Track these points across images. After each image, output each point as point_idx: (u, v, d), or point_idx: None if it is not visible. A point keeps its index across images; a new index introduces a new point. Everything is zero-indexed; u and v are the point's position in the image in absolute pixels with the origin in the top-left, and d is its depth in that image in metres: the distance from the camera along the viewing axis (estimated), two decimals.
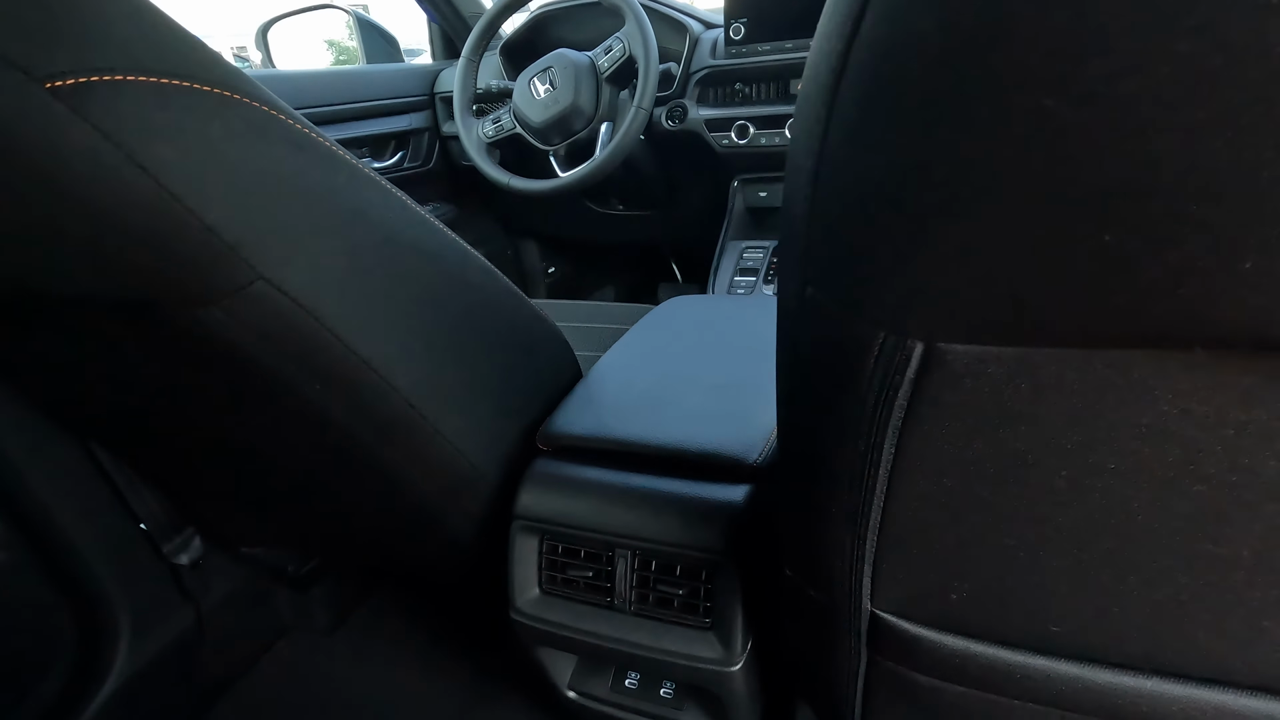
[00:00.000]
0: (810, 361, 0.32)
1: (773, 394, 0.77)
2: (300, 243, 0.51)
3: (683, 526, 0.62)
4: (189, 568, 1.16)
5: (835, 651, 0.49)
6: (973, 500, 0.32)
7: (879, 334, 0.27)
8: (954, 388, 0.27)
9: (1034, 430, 0.28)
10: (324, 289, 0.52)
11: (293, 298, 0.51)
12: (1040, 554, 0.33)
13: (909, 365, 0.27)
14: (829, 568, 0.42)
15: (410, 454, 0.65)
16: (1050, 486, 0.30)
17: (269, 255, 0.49)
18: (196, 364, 0.56)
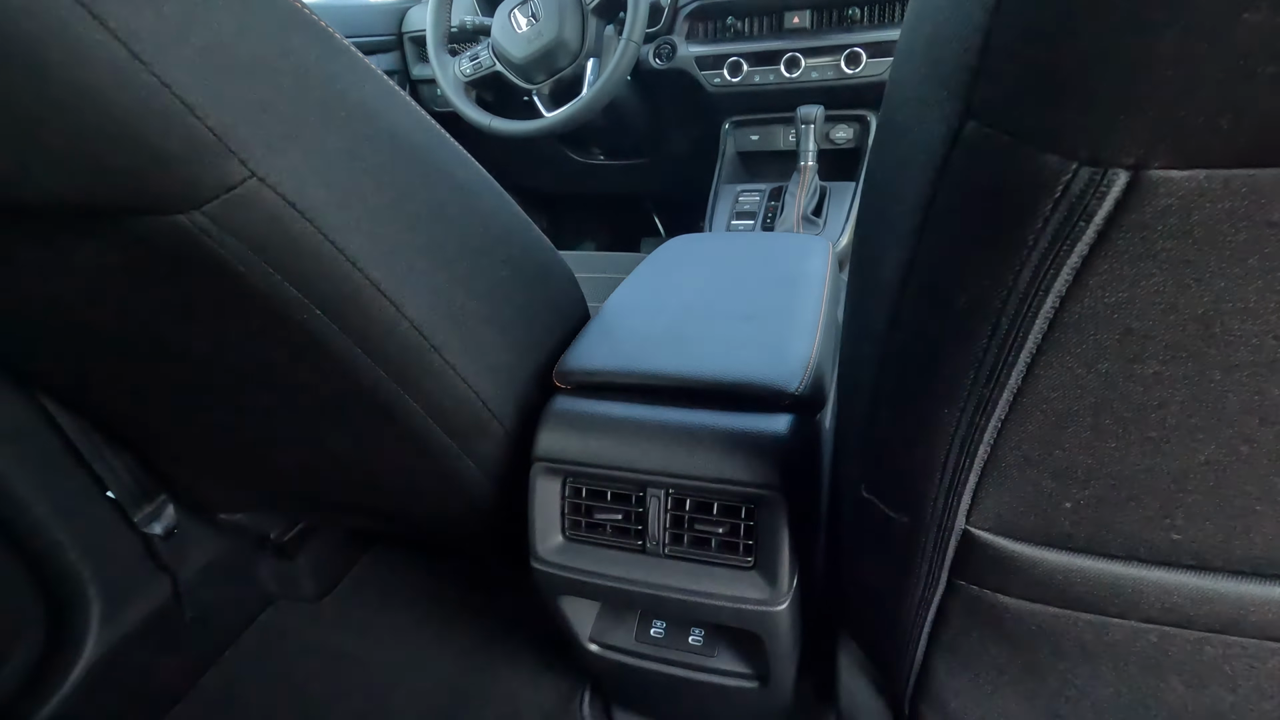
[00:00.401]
0: (949, 224, 0.27)
1: (803, 323, 0.73)
2: (297, 134, 0.44)
3: (723, 461, 0.58)
4: (162, 537, 1.08)
5: (907, 579, 0.45)
6: (1132, 380, 0.28)
7: (1069, 166, 0.22)
8: (1152, 230, 0.23)
9: (1239, 283, 0.23)
10: (324, 192, 0.45)
11: (289, 201, 0.44)
12: (1195, 445, 0.30)
13: (1101, 205, 0.22)
14: (920, 486, 0.38)
15: (421, 393, 0.59)
16: (1234, 358, 0.26)
17: (261, 147, 0.42)
18: (176, 287, 0.49)
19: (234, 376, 0.61)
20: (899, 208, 0.31)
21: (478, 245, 0.61)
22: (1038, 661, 0.46)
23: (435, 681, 1.05)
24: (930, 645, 0.50)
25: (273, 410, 0.66)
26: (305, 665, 1.11)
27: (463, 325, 0.59)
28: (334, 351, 0.53)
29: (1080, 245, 0.24)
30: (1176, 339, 0.26)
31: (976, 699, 0.52)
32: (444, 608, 1.18)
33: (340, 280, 0.48)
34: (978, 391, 0.31)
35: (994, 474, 0.35)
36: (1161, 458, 0.31)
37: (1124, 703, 0.47)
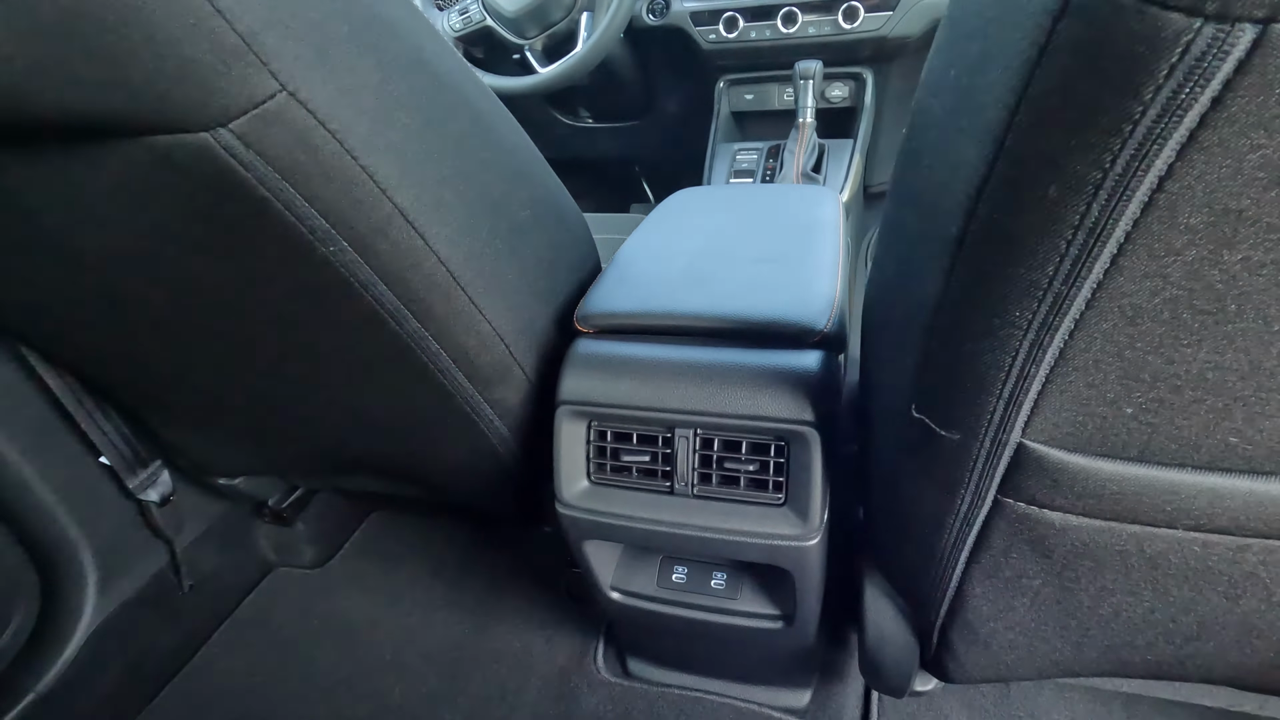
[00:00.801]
0: (1048, 106, 0.27)
1: (823, 264, 0.73)
2: (328, 50, 0.42)
3: (756, 398, 0.57)
4: (158, 504, 1.05)
5: (951, 500, 0.46)
6: (1217, 269, 0.28)
7: (1193, 24, 0.22)
8: (1271, 92, 0.22)
9: None
10: (354, 111, 0.44)
11: (319, 118, 0.42)
12: (1268, 339, 0.30)
13: (1221, 66, 0.22)
14: (978, 399, 0.38)
15: (445, 334, 0.57)
16: None
17: (291, 59, 0.40)
18: (193, 219, 0.47)
19: (246, 322, 0.59)
20: (984, 98, 0.30)
21: (500, 181, 0.59)
22: (1076, 580, 0.47)
23: (445, 642, 1.04)
24: (967, 569, 0.50)
25: (285, 359, 0.64)
26: (309, 632, 1.10)
27: (487, 263, 0.58)
28: (358, 289, 0.51)
29: (1191, 115, 0.23)
30: (1273, 217, 0.26)
31: (1009, 621, 0.53)
32: (449, 570, 1.17)
33: (370, 208, 0.47)
34: (1054, 289, 0.31)
35: (1058, 380, 0.35)
36: (1232, 353, 0.31)
37: (1157, 618, 0.49)
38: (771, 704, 0.87)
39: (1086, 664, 0.57)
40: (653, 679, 0.92)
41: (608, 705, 0.90)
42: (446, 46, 0.53)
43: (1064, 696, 0.88)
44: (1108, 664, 0.56)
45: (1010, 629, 0.54)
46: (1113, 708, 0.86)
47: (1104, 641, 0.53)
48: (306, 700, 0.98)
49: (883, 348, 0.51)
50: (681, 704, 0.89)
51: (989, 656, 0.58)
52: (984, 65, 0.31)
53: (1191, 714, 0.85)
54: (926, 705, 0.88)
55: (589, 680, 0.94)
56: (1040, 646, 0.56)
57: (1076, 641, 0.54)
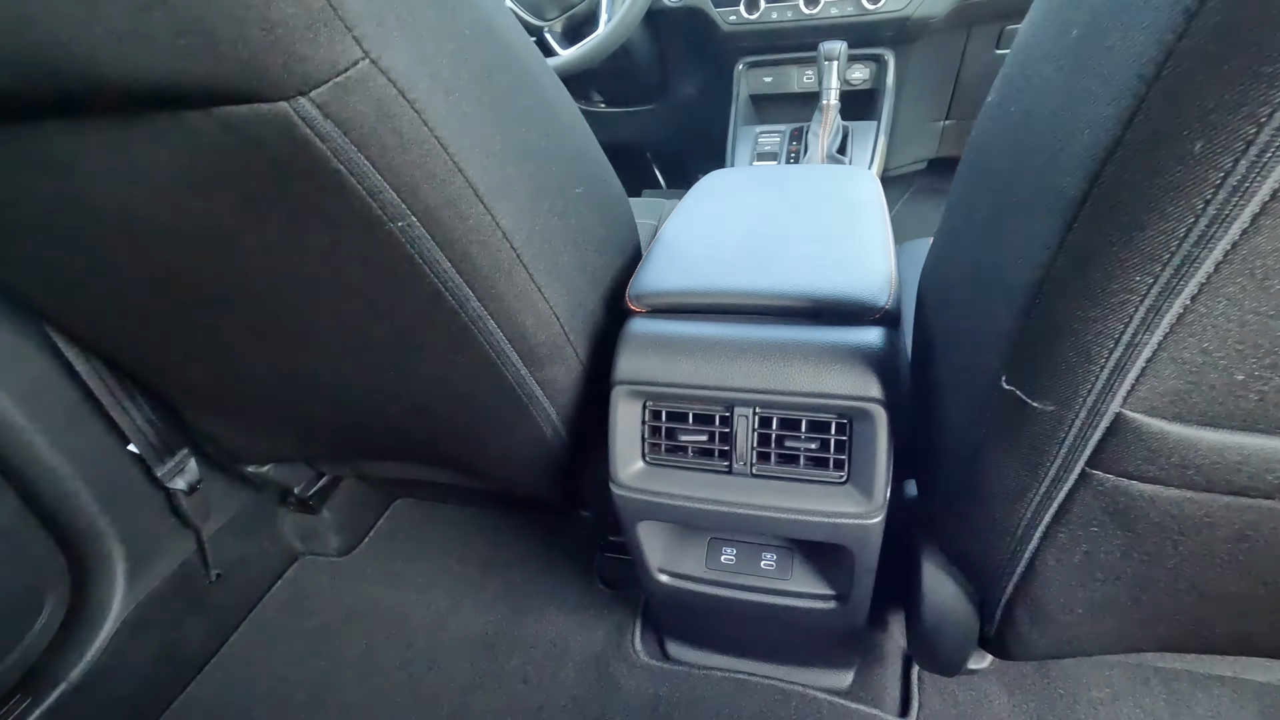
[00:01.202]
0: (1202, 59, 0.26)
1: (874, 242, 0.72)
2: (409, 16, 0.40)
3: (819, 375, 0.57)
4: (186, 492, 1.05)
5: (1034, 474, 0.45)
6: None
7: None
8: None
9: None
10: (431, 80, 0.42)
11: (399, 87, 0.41)
12: None
13: None
14: (1080, 368, 0.38)
15: (504, 313, 0.56)
16: None
17: (375, 25, 0.38)
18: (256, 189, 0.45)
19: (298, 302, 0.58)
20: (1120, 57, 0.29)
21: (559, 157, 0.58)
22: (1158, 553, 0.47)
23: (477, 629, 1.04)
24: (1041, 544, 0.50)
25: (337, 340, 0.63)
26: (338, 620, 1.09)
27: (546, 241, 0.57)
28: (421, 266, 0.50)
29: None
30: None
31: (1081, 597, 0.53)
32: (476, 557, 1.17)
33: (442, 182, 0.46)
34: (1183, 251, 0.30)
35: (1170, 347, 0.35)
36: None
37: (1234, 592, 0.48)
38: (814, 685, 0.88)
39: (1154, 639, 0.57)
40: (693, 661, 0.92)
41: (648, 688, 0.90)
42: (512, 18, 0.52)
43: (1103, 674, 0.88)
44: (1175, 639, 0.56)
45: (1080, 605, 0.54)
46: (1152, 684, 0.87)
47: (1176, 616, 0.53)
48: (341, 688, 0.98)
49: (956, 321, 0.51)
50: (723, 686, 0.89)
51: (1054, 633, 0.58)
52: (1119, 20, 0.30)
53: (1231, 688, 0.85)
54: (966, 684, 0.88)
55: (628, 663, 0.94)
56: (1109, 622, 0.55)
57: (1147, 617, 0.54)
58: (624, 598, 1.04)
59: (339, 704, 0.96)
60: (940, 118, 1.58)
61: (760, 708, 0.86)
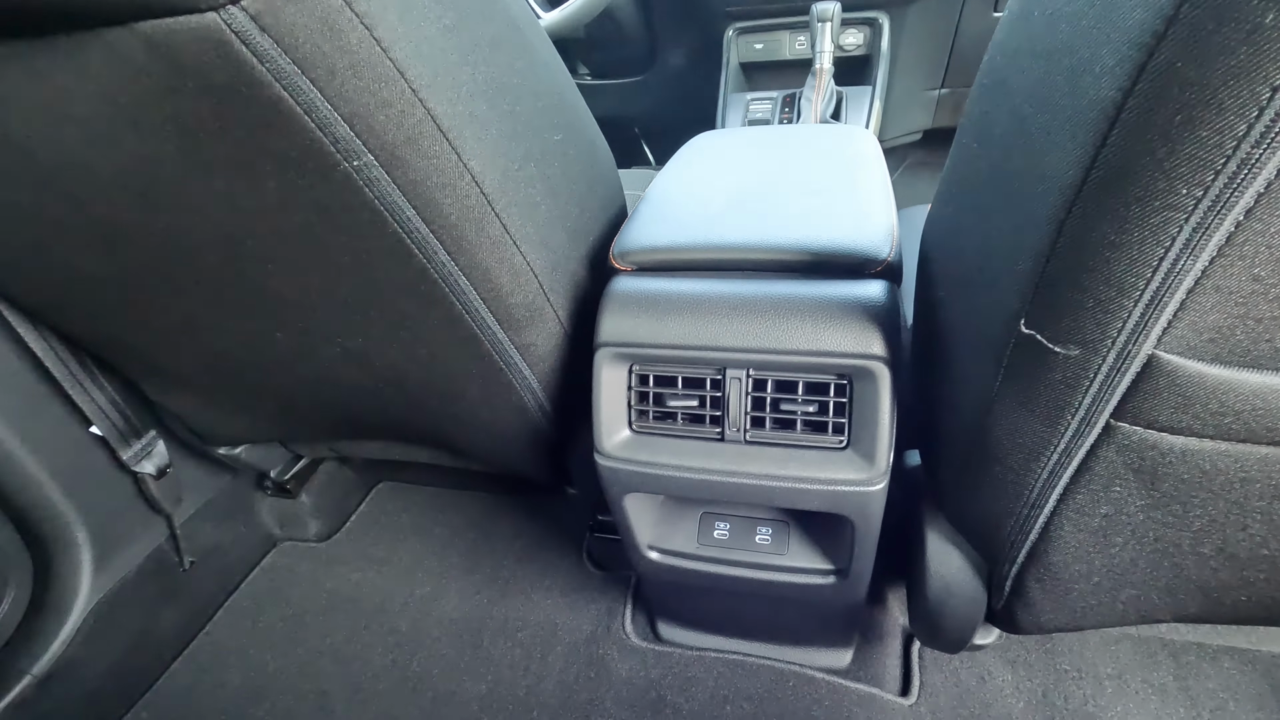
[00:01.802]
0: None
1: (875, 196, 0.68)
2: None
3: (816, 332, 0.53)
4: (155, 477, 1.00)
5: (1053, 429, 0.42)
6: None
7: None
8: None
9: None
10: None
11: None
12: None
13: None
14: (1110, 306, 0.34)
15: (476, 268, 0.52)
16: None
17: None
18: (192, 122, 0.41)
19: (255, 259, 0.53)
20: None
21: (533, 98, 0.53)
22: (1184, 513, 0.43)
23: (463, 613, 1.00)
24: (1058, 507, 0.47)
25: (299, 304, 0.58)
26: (318, 606, 1.05)
27: (521, 189, 0.53)
28: (383, 214, 0.46)
29: None
30: None
31: (1098, 564, 0.49)
32: (462, 540, 1.13)
33: (400, 113, 0.41)
34: (1241, 154, 0.26)
35: (1216, 274, 0.31)
36: None
37: (1264, 554, 0.45)
38: (812, 665, 0.84)
39: (1174, 608, 0.53)
40: (685, 643, 0.89)
41: (640, 671, 0.87)
42: None
43: (1110, 650, 0.85)
44: (1196, 608, 0.53)
45: (1097, 572, 0.51)
46: (1159, 659, 0.84)
47: (1200, 583, 0.49)
48: (321, 675, 0.94)
49: (967, 269, 0.47)
50: (718, 667, 0.85)
51: (1068, 603, 0.54)
52: None
53: (1240, 661, 0.83)
54: (969, 662, 0.85)
55: (619, 646, 0.90)
56: (1126, 590, 0.52)
57: (1168, 584, 0.50)
58: (614, 579, 1.01)
59: (318, 693, 0.92)
60: (936, 85, 1.54)
61: (756, 688, 0.83)
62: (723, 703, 0.82)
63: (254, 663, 0.98)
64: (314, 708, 0.90)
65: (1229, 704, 0.79)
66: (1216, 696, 0.80)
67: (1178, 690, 0.81)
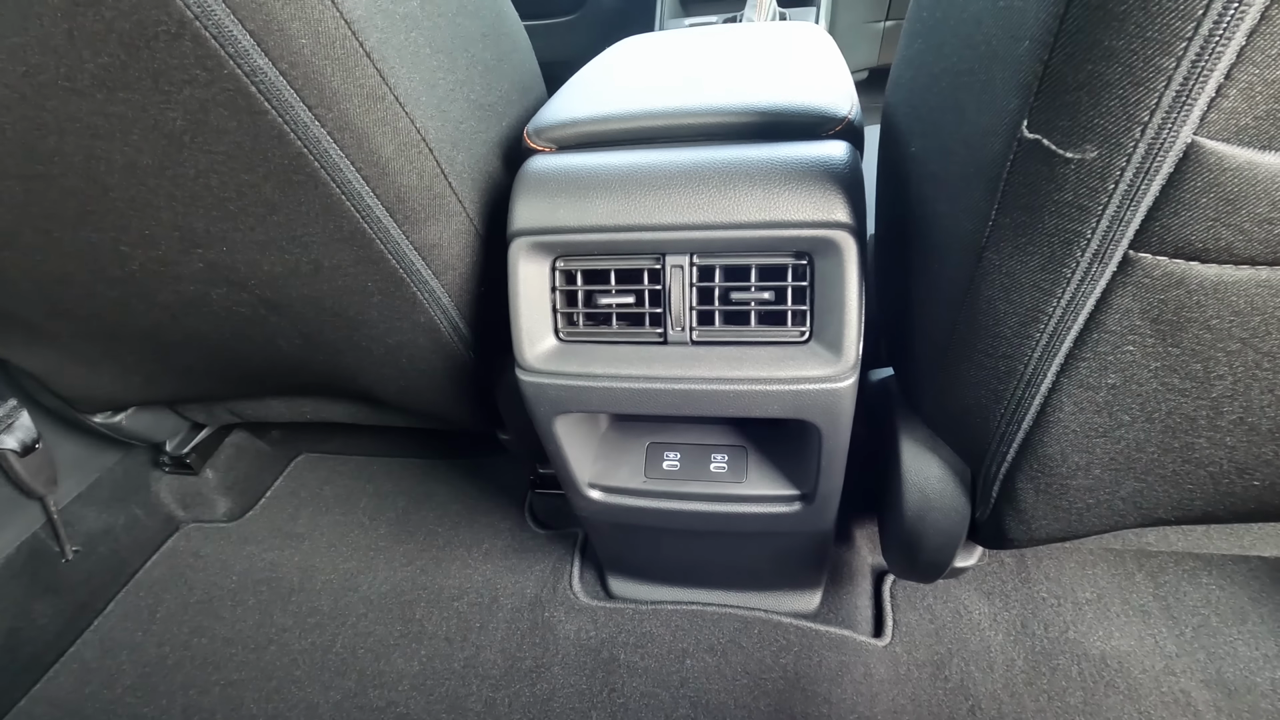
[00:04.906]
0: None
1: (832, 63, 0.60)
2: None
3: (769, 199, 0.44)
4: (19, 453, 0.86)
5: (1058, 272, 0.34)
6: None
7: None
8: None
9: None
10: None
11: None
12: None
13: None
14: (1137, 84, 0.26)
15: (349, 128, 0.41)
16: None
17: None
18: None
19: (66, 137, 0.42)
20: None
21: None
22: (1208, 374, 0.37)
23: (393, 585, 0.90)
24: (1059, 381, 0.39)
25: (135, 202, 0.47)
26: (227, 590, 0.93)
27: (400, 30, 0.42)
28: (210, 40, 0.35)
29: None
30: None
31: (1099, 453, 0.43)
32: (392, 510, 1.02)
33: None
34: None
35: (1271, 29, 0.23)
36: None
37: None
38: (778, 610, 0.77)
39: (1177, 502, 0.47)
40: (639, 597, 0.81)
41: (590, 630, 0.78)
42: None
43: (1086, 573, 0.81)
44: (1200, 500, 0.47)
45: (1098, 463, 0.44)
46: (1137, 579, 0.80)
47: (1210, 466, 0.43)
48: (230, 665, 0.83)
49: (951, 90, 0.39)
50: (675, 619, 0.77)
51: (1064, 505, 0.47)
52: None
53: (1219, 576, 0.79)
54: (943, 596, 0.79)
55: (566, 606, 0.81)
56: (1129, 483, 0.45)
57: (1175, 470, 0.44)
58: (560, 537, 0.92)
59: (226, 683, 0.81)
60: (881, 18, 1.47)
61: (718, 639, 0.75)
62: (681, 657, 0.74)
63: (150, 658, 0.85)
64: (221, 701, 0.79)
65: (1211, 619, 0.75)
66: (1198, 613, 0.76)
67: (1159, 610, 0.77)
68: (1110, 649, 0.73)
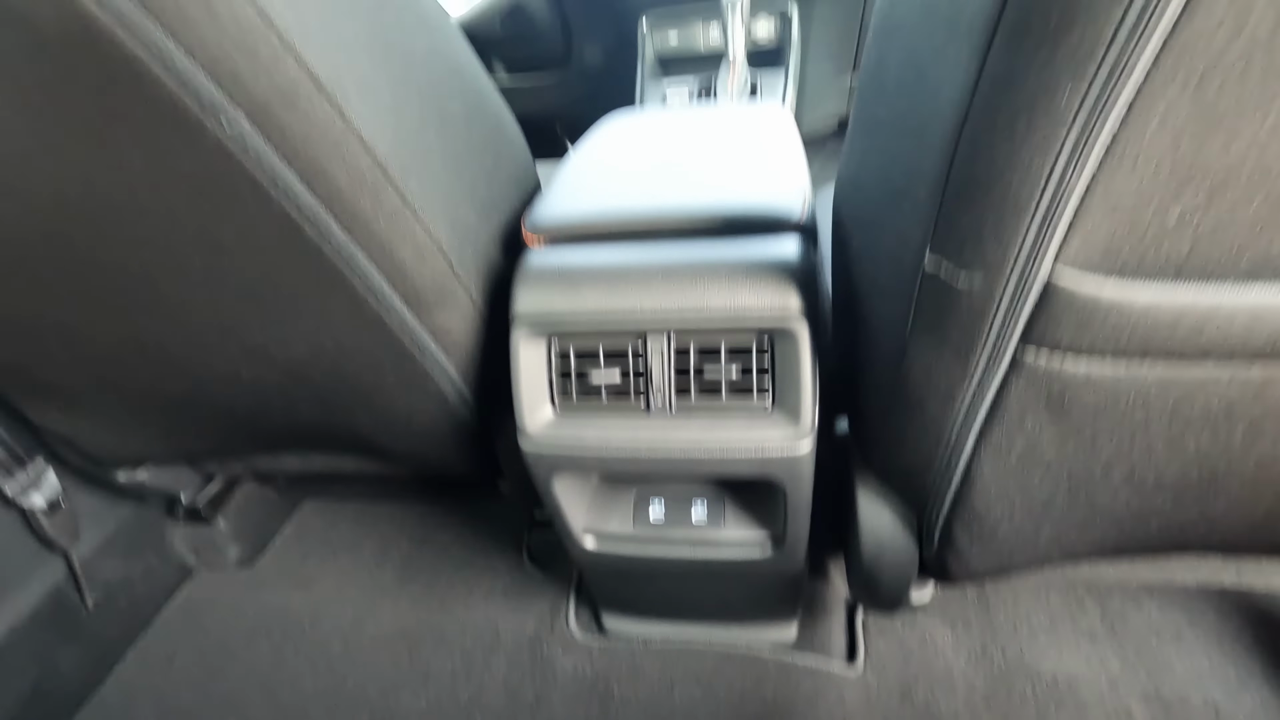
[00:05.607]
0: None
1: (789, 161, 0.68)
2: None
3: (733, 291, 0.52)
4: (46, 510, 0.92)
5: (966, 363, 0.42)
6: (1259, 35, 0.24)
7: None
8: None
9: None
10: None
11: None
12: None
13: None
14: (1007, 225, 0.34)
15: (376, 242, 0.49)
16: None
17: None
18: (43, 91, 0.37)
19: (130, 246, 0.49)
20: None
21: (428, 61, 0.51)
22: (1092, 444, 0.44)
23: (399, 626, 0.95)
24: (976, 448, 0.47)
25: (182, 297, 0.54)
26: (241, 634, 0.98)
27: (419, 157, 0.50)
28: (265, 187, 0.42)
29: None
30: None
31: (1018, 503, 0.50)
32: (396, 553, 1.08)
33: (271, 64, 0.38)
34: (1113, 56, 0.27)
35: (1102, 183, 0.31)
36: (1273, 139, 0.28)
37: (1169, 479, 0.47)
38: (759, 642, 0.84)
39: (1091, 541, 0.55)
40: (631, 634, 0.87)
41: (586, 666, 0.84)
42: None
43: (1041, 601, 0.88)
44: (1112, 539, 0.55)
45: (1017, 513, 0.51)
46: (1087, 605, 0.87)
47: (1110, 513, 0.51)
48: (247, 706, 0.88)
49: (876, 213, 0.47)
50: (665, 656, 0.84)
51: (993, 546, 0.55)
52: None
53: (1159, 601, 0.86)
54: (910, 624, 0.86)
55: (563, 643, 0.88)
56: (1046, 529, 0.53)
57: (1083, 517, 0.52)
58: (557, 576, 0.98)
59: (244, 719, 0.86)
60: (848, 69, 1.58)
61: (703, 670, 0.81)
62: (670, 688, 0.80)
63: (169, 703, 0.90)
64: None
65: (1151, 640, 0.82)
66: (1141, 635, 0.83)
67: (1105, 633, 0.84)
68: (1061, 670, 0.80)
